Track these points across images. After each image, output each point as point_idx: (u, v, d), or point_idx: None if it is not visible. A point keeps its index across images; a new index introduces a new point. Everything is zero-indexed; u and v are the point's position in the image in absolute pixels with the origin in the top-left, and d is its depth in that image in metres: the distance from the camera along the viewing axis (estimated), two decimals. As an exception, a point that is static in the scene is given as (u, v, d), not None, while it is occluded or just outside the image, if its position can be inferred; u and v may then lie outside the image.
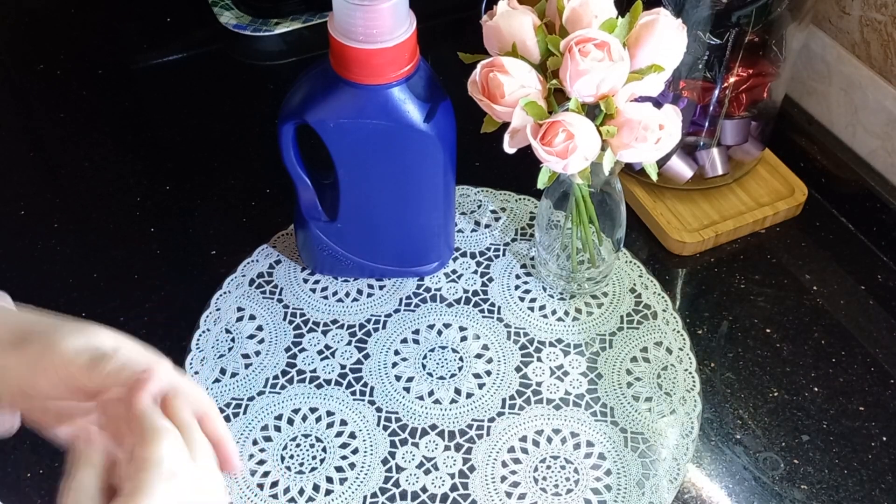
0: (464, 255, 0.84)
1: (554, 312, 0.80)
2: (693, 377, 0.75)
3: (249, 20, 1.05)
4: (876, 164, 0.86)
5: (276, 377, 0.75)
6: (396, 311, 0.80)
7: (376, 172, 0.73)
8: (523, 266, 0.83)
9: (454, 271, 0.83)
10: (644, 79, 0.64)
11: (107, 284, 0.82)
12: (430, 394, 0.75)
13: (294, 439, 0.72)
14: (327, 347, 0.78)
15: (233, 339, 0.78)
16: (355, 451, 0.71)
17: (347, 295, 0.81)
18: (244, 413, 0.73)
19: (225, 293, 0.81)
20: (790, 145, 0.91)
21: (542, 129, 0.63)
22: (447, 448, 0.72)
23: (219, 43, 1.05)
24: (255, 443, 0.72)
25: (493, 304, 0.80)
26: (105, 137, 0.95)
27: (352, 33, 0.65)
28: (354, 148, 0.71)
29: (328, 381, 0.75)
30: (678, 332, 0.78)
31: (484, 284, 0.82)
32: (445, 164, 0.73)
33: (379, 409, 0.74)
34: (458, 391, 0.75)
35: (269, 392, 0.75)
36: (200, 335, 0.78)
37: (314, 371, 0.76)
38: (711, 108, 0.82)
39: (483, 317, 0.79)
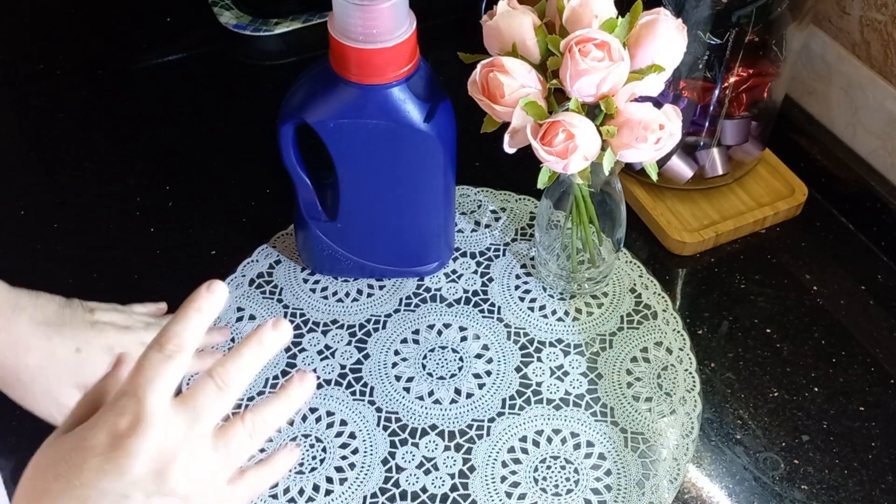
0: (464, 255, 0.84)
1: (554, 312, 0.80)
2: (693, 377, 0.75)
3: (249, 20, 1.04)
4: (876, 164, 0.86)
5: (275, 377, 0.75)
6: (396, 311, 0.80)
7: (376, 172, 0.73)
8: (523, 266, 0.83)
9: (454, 271, 0.83)
10: (644, 79, 0.64)
11: (107, 284, 0.82)
12: (430, 394, 0.75)
13: (294, 439, 0.72)
14: (327, 347, 0.78)
15: (233, 340, 0.78)
16: (355, 452, 0.71)
17: (347, 295, 0.81)
18: (244, 413, 0.73)
19: (225, 293, 0.81)
20: (790, 145, 0.91)
21: (542, 129, 0.63)
22: (447, 448, 0.72)
23: (219, 43, 1.05)
24: (255, 443, 0.72)
25: (493, 304, 0.80)
26: (105, 137, 0.95)
27: (352, 33, 0.65)
28: (354, 148, 0.71)
29: (328, 382, 0.75)
30: (678, 332, 0.78)
31: (484, 284, 0.82)
32: (445, 164, 0.73)
33: (379, 410, 0.74)
34: (458, 391, 0.75)
35: (269, 392, 0.75)
36: (200, 335, 0.78)
37: (314, 371, 0.76)
38: (711, 108, 0.82)
39: (483, 317, 0.79)
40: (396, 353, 0.77)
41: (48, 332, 0.64)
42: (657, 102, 0.64)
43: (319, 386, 0.75)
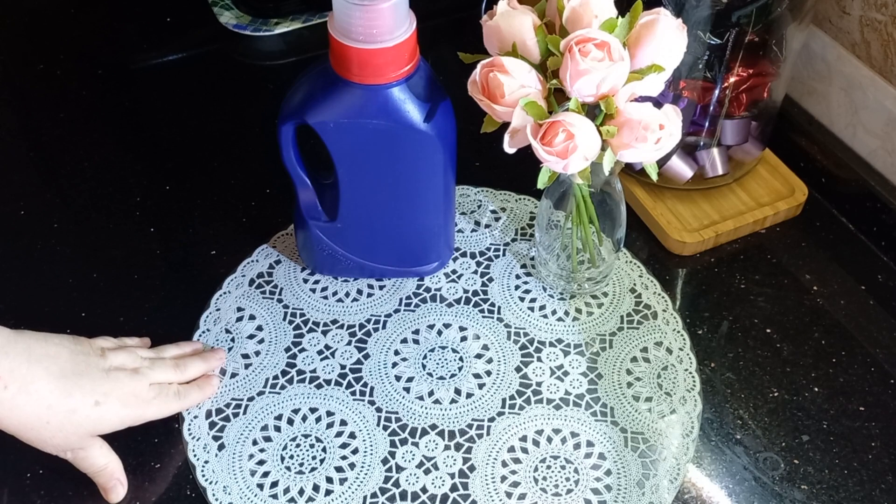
0: (464, 255, 0.84)
1: (554, 312, 0.80)
2: (693, 377, 0.75)
3: (249, 20, 1.05)
4: (876, 164, 0.86)
5: (276, 377, 0.75)
6: (396, 311, 0.80)
7: (376, 172, 0.73)
8: (523, 266, 0.83)
9: (454, 271, 0.83)
10: (644, 79, 0.64)
11: (107, 284, 0.82)
12: (430, 394, 0.75)
13: (294, 439, 0.72)
14: (327, 347, 0.78)
15: (233, 339, 0.78)
16: (355, 451, 0.71)
17: (347, 295, 0.81)
18: (244, 413, 0.73)
19: (225, 293, 0.81)
20: (790, 145, 0.91)
21: (542, 129, 0.63)
22: (447, 448, 0.72)
23: (219, 43, 1.05)
24: (255, 443, 0.72)
25: (493, 304, 0.80)
26: (105, 137, 0.95)
27: (352, 33, 0.65)
28: (354, 148, 0.71)
29: (328, 381, 0.75)
30: (678, 332, 0.78)
31: (484, 284, 0.82)
32: (445, 164, 0.73)
33: (379, 409, 0.74)
34: (458, 391, 0.75)
35: (269, 392, 0.75)
36: (200, 335, 0.78)
37: (314, 371, 0.76)
38: (711, 108, 0.82)
39: (483, 317, 0.79)
40: (396, 353, 0.77)
41: (66, 386, 0.64)
42: (657, 102, 0.64)
43: (319, 386, 0.75)
